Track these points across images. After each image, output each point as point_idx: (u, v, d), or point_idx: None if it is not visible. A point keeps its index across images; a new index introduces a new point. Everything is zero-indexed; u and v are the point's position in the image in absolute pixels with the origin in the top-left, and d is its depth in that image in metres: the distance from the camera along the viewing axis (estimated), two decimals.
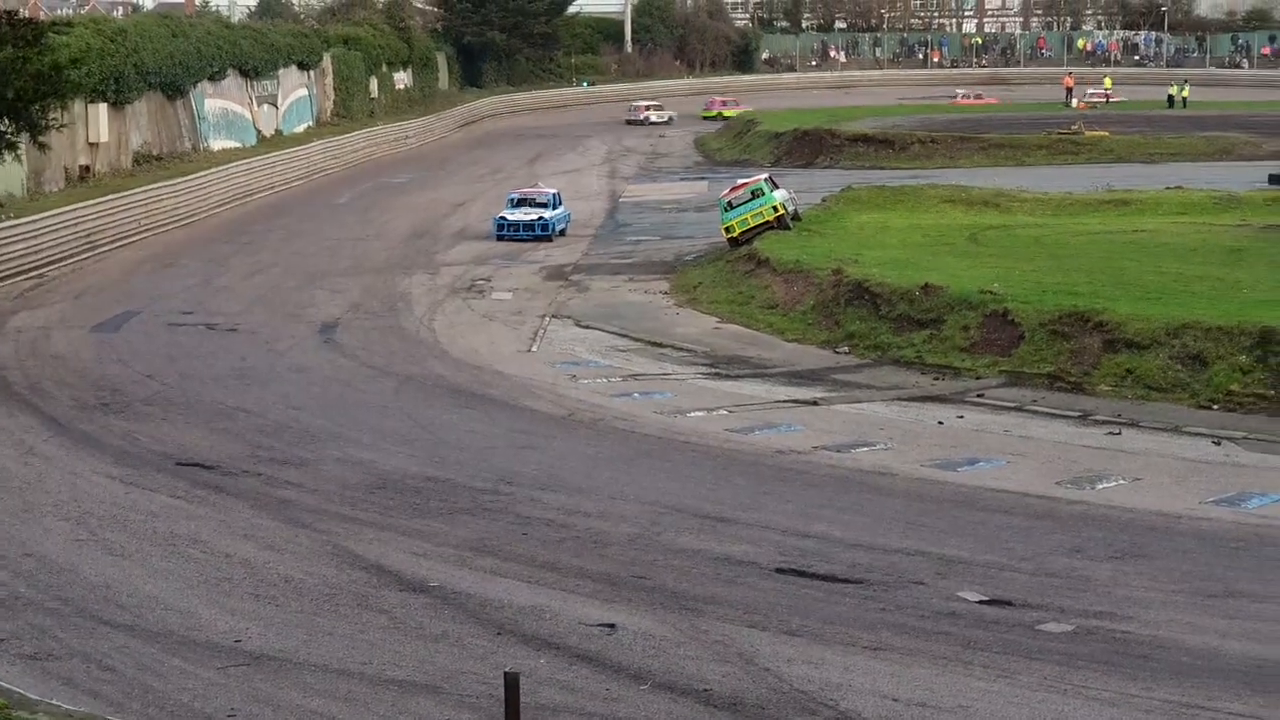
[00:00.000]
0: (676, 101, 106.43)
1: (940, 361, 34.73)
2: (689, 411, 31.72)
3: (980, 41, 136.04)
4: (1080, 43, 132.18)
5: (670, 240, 54.29)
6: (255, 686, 17.74)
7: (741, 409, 31.94)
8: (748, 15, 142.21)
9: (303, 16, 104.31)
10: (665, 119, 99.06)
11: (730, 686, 17.68)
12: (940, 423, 30.49)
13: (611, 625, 19.57)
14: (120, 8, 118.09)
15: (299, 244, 55.24)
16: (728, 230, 48.51)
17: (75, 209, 52.70)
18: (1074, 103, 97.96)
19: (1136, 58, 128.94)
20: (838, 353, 36.75)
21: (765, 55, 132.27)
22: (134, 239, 54.82)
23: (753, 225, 47.99)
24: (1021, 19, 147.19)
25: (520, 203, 56.44)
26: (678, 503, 25.20)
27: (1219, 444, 28.45)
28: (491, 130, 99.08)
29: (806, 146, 77.93)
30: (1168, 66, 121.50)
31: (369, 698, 17.43)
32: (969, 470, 27.13)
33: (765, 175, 51.99)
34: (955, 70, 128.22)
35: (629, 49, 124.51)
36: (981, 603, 20.39)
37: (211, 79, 71.49)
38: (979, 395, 32.48)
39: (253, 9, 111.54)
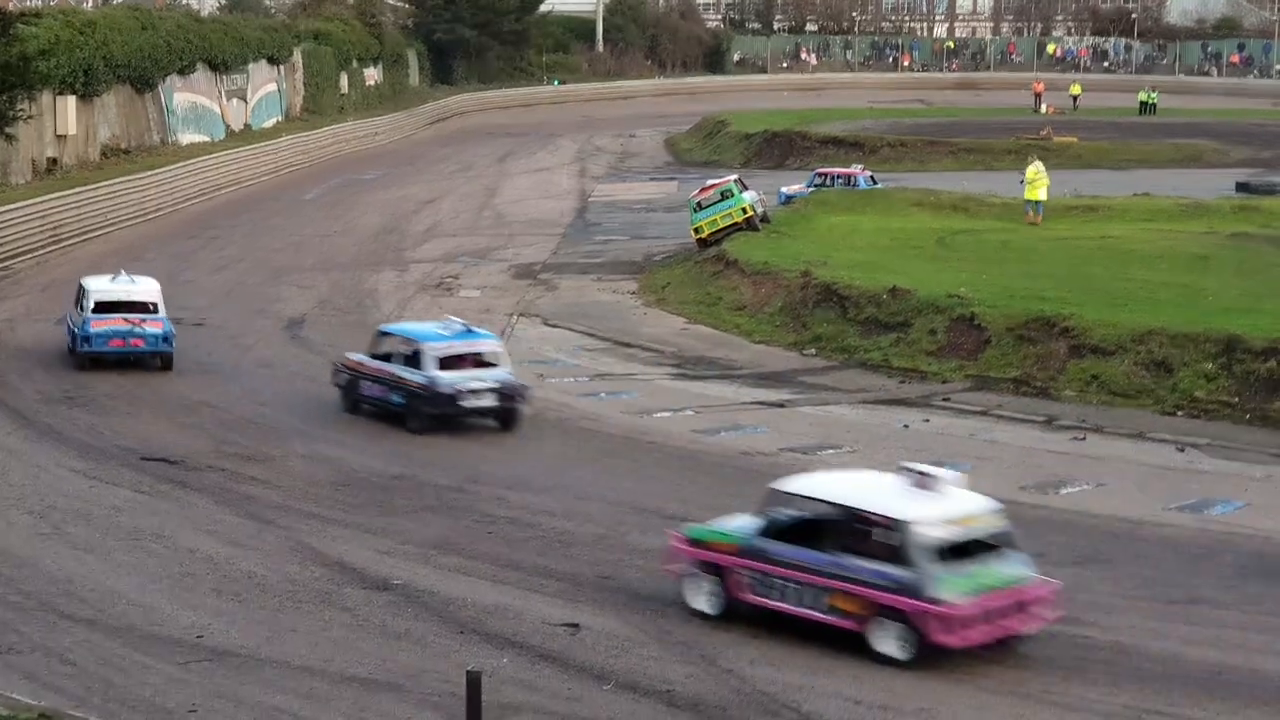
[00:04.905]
0: (644, 103, 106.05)
1: (907, 365, 34.75)
2: (655, 412, 31.70)
3: (951, 46, 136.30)
4: (1050, 48, 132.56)
5: (639, 240, 54.24)
6: (217, 682, 17.71)
7: (708, 410, 31.94)
8: (720, 16, 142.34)
9: (273, 11, 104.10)
10: None
11: (693, 688, 17.69)
12: (906, 426, 30.51)
13: (575, 625, 19.57)
14: None
15: (266, 239, 55.06)
16: (697, 231, 48.46)
17: (41, 201, 52.40)
18: (1043, 108, 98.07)
19: (1106, 64, 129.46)
20: (805, 355, 36.75)
21: (737, 56, 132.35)
22: (100, 233, 54.54)
23: (722, 226, 47.95)
24: (992, 24, 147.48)
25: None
26: (643, 503, 25.20)
27: (1183, 450, 28.53)
28: (462, 127, 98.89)
29: (776, 148, 77.94)
30: (1137, 73, 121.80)
31: (331, 695, 17.41)
32: None
33: (735, 176, 51.95)
34: (925, 74, 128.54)
35: (600, 48, 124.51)
36: None
37: (181, 72, 71.19)
38: (945, 399, 32.52)
39: (222, 2, 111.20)
